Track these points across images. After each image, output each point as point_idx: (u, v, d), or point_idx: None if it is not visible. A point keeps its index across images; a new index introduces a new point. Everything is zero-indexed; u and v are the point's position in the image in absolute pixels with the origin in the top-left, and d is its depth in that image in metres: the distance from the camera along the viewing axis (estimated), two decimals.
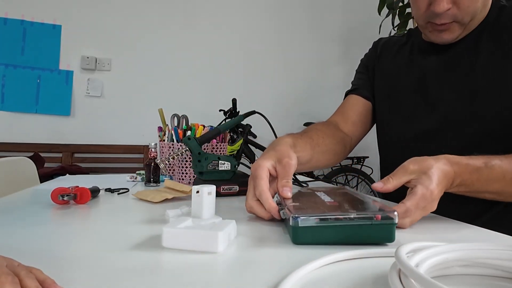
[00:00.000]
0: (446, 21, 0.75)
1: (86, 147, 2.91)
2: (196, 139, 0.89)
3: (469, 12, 0.74)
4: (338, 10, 3.43)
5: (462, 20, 0.75)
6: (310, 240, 0.47)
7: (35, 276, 0.31)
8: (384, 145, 0.97)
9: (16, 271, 0.31)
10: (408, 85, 0.88)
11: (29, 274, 0.31)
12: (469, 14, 0.74)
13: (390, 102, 0.92)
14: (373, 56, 1.01)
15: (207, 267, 0.39)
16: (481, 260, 0.37)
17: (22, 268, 0.32)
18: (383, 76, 0.96)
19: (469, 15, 0.74)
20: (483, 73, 0.76)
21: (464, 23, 0.76)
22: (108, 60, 2.97)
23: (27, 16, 2.83)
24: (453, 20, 0.75)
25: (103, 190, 0.89)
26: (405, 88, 0.88)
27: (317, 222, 0.47)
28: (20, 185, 1.15)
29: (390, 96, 0.92)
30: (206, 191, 0.55)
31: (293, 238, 0.48)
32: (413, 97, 0.86)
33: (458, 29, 0.77)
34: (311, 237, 0.47)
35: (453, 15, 0.74)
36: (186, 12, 3.11)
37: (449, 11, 0.73)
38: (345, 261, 0.41)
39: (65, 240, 0.50)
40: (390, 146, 0.94)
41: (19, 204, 0.75)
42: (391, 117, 0.92)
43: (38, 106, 2.85)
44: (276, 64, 3.30)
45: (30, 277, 0.30)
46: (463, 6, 0.73)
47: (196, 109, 2.82)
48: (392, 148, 0.92)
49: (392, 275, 0.33)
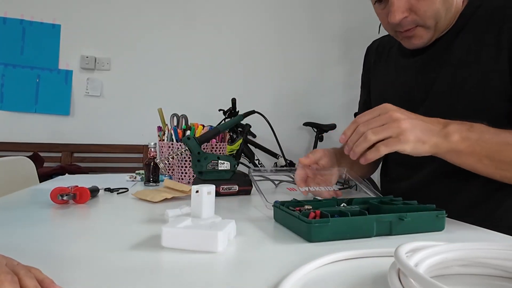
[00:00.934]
0: (408, 27, 0.75)
1: (86, 147, 2.91)
2: (195, 138, 0.89)
3: (429, 16, 0.72)
4: (338, 10, 3.43)
5: (426, 24, 0.74)
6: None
7: (34, 275, 0.32)
8: None
9: (16, 270, 0.31)
10: (396, 92, 0.88)
11: (28, 273, 0.31)
12: (430, 17, 0.73)
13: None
14: (367, 66, 1.02)
15: (207, 267, 0.40)
16: (480, 259, 0.37)
17: (21, 267, 0.32)
18: (377, 85, 0.97)
19: (431, 18, 0.73)
20: (458, 63, 0.74)
21: (429, 26, 0.74)
22: (107, 59, 2.96)
23: (26, 15, 2.83)
24: (416, 25, 0.74)
25: (103, 190, 0.89)
26: (394, 96, 0.87)
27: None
28: (19, 184, 1.15)
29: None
30: (205, 191, 0.55)
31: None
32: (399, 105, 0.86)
33: (425, 33, 0.76)
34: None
35: (413, 20, 0.73)
36: (185, 12, 3.11)
37: (407, 18, 0.73)
38: (345, 261, 0.41)
39: (64, 240, 0.50)
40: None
41: (19, 204, 0.75)
42: None
43: (37, 105, 2.84)
44: (275, 64, 3.30)
45: (29, 276, 0.31)
46: (419, 11, 0.72)
47: (196, 109, 2.82)
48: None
49: (392, 275, 0.33)
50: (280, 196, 0.84)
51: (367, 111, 0.64)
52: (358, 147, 0.61)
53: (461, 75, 0.74)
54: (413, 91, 0.83)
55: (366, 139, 0.60)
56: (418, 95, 0.82)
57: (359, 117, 0.64)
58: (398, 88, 0.87)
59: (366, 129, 0.61)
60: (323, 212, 0.52)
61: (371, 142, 0.60)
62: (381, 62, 0.97)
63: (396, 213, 0.53)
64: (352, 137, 0.63)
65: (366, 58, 1.04)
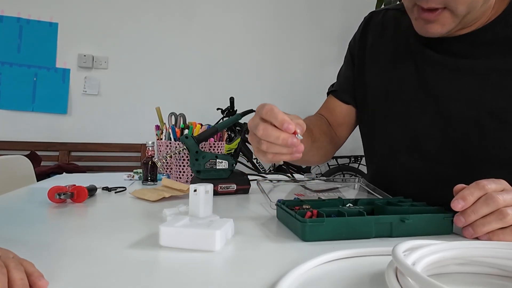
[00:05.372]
0: (435, 5, 0.62)
1: (83, 146, 2.90)
2: (193, 137, 0.89)
3: (466, 1, 0.61)
4: (336, 9, 3.43)
5: (456, 10, 0.61)
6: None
7: (25, 268, 0.33)
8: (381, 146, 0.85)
9: (7, 262, 0.32)
10: (422, 98, 0.75)
11: (18, 266, 0.32)
12: (465, 3, 0.61)
13: (387, 104, 0.80)
14: (362, 44, 0.87)
15: (205, 266, 0.39)
16: (477, 258, 0.37)
17: (14, 260, 0.33)
18: (382, 77, 0.81)
19: (465, 4, 0.61)
20: (482, 77, 0.67)
21: (458, 14, 0.62)
22: (105, 58, 2.95)
23: (23, 13, 2.82)
24: (444, 6, 0.62)
25: (100, 189, 0.89)
26: (421, 103, 0.75)
27: None
28: (16, 183, 1.15)
29: (387, 99, 0.80)
30: (203, 190, 0.55)
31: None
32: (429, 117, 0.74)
33: (451, 21, 0.63)
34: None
35: (443, 0, 0.61)
36: (184, 10, 3.10)
37: None
38: (343, 260, 0.41)
39: (61, 239, 0.49)
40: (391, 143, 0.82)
41: (16, 203, 0.75)
42: (387, 121, 0.81)
43: (34, 104, 2.83)
44: (274, 63, 3.30)
45: (18, 269, 0.32)
46: None
47: (194, 108, 2.82)
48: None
49: (389, 274, 0.33)
50: (282, 195, 0.84)
51: (493, 180, 0.49)
52: (487, 226, 0.47)
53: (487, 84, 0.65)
54: (456, 103, 0.69)
55: (504, 218, 0.46)
56: (458, 108, 0.69)
57: (483, 182, 0.48)
58: (429, 91, 0.73)
59: (503, 202, 0.46)
60: (320, 212, 0.52)
61: (509, 223, 0.46)
62: (384, 46, 0.81)
63: (399, 215, 0.51)
64: (478, 208, 0.47)
65: (362, 34, 0.88)
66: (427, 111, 0.73)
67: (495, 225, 0.46)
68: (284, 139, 0.50)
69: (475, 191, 0.48)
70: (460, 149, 0.70)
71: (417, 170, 0.75)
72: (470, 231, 0.48)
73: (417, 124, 0.75)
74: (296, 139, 0.51)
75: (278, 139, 0.51)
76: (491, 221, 0.46)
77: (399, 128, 0.78)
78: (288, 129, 0.50)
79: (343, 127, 0.91)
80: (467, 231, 0.48)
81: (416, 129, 0.75)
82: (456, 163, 0.71)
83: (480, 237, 0.48)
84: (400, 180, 0.79)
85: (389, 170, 0.81)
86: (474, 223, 0.48)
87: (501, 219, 0.46)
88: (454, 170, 0.71)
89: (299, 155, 0.53)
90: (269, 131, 0.51)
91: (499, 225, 0.46)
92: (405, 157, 0.77)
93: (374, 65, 0.83)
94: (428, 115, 0.73)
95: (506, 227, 0.46)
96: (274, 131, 0.51)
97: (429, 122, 0.73)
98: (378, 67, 0.83)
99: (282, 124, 0.50)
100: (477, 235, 0.48)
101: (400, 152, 0.78)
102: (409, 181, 0.77)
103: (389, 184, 0.80)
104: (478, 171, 0.61)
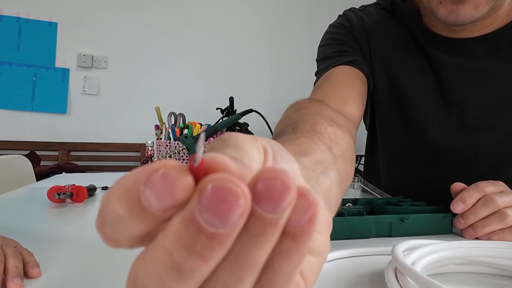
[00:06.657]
0: None
1: (83, 145, 2.90)
2: (193, 137, 0.89)
3: None
4: (335, 9, 3.43)
5: None
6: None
7: (23, 257, 0.34)
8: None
9: (6, 250, 0.34)
10: (423, 88, 0.67)
11: (15, 254, 0.34)
12: None
13: (400, 106, 0.70)
14: (362, 35, 0.72)
15: None
16: (476, 258, 0.37)
17: (13, 249, 0.35)
18: (384, 69, 0.70)
19: None
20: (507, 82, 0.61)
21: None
22: (104, 57, 2.95)
23: (22, 13, 2.81)
24: None
25: (100, 189, 0.89)
26: (421, 91, 0.67)
27: None
28: (16, 183, 1.15)
29: (400, 105, 0.70)
30: None
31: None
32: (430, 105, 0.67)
33: (485, 3, 0.53)
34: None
35: None
36: (183, 10, 3.10)
37: None
38: (342, 259, 0.41)
39: (61, 239, 0.49)
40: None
41: (15, 203, 0.75)
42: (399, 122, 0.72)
43: (34, 104, 2.83)
44: (273, 63, 3.30)
45: (16, 257, 0.33)
46: None
47: (193, 108, 2.81)
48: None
49: (389, 273, 0.33)
50: None
51: (491, 182, 0.49)
52: (488, 227, 0.47)
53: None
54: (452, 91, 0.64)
55: (504, 220, 0.46)
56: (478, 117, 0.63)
57: (482, 183, 0.49)
58: (451, 98, 0.65)
59: (502, 203, 0.46)
60: None
61: (509, 224, 0.46)
62: (385, 42, 0.70)
63: (398, 214, 0.51)
64: (477, 210, 0.47)
65: (358, 28, 0.73)
66: (449, 121, 0.66)
67: (495, 226, 0.47)
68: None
69: (474, 193, 0.48)
70: (490, 160, 0.65)
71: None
72: (470, 232, 0.48)
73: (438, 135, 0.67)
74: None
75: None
76: (491, 223, 0.46)
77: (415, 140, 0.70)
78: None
79: (358, 106, 0.66)
80: (467, 232, 0.49)
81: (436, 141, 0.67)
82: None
83: (480, 237, 0.48)
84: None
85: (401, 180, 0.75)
86: (474, 225, 0.48)
87: (501, 220, 0.46)
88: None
89: None
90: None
91: (499, 226, 0.46)
92: (425, 170, 0.70)
93: (380, 66, 0.71)
94: (451, 126, 0.66)
95: (506, 228, 0.47)
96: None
97: (452, 133, 0.66)
98: (384, 68, 0.71)
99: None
100: (477, 235, 0.48)
101: (416, 164, 0.71)
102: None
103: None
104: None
